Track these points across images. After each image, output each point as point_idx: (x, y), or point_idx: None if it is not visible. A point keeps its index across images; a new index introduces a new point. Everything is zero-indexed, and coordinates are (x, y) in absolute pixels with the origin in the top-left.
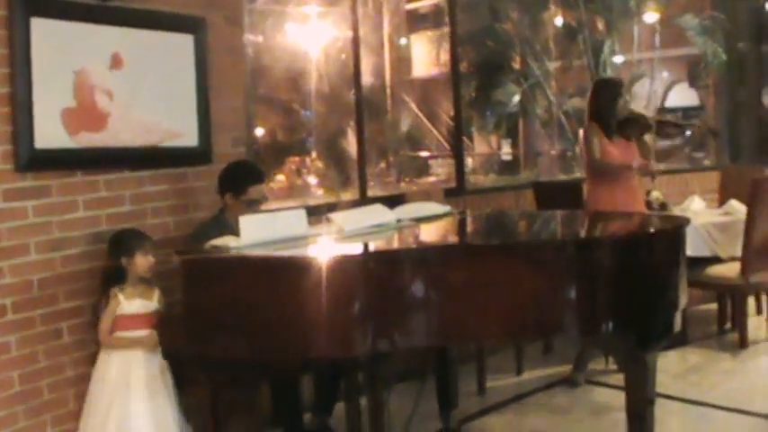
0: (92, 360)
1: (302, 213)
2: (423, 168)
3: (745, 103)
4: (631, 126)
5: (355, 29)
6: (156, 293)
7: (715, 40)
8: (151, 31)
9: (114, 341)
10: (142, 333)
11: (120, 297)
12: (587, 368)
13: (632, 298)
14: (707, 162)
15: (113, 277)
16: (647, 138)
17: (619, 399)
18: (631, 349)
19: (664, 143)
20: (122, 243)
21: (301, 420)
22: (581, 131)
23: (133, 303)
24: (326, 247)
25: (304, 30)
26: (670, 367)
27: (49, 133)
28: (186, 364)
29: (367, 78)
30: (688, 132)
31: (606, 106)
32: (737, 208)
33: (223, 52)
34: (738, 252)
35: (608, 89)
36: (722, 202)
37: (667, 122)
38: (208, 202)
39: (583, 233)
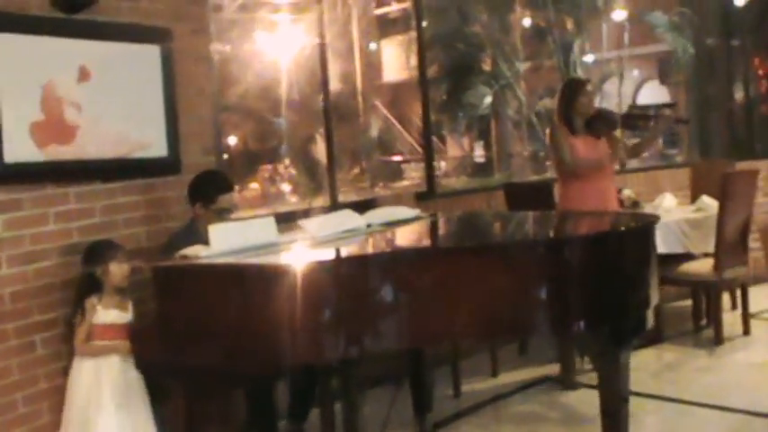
0: (66, 372)
1: (271, 221)
2: (396, 173)
3: (716, 99)
4: (598, 122)
5: (322, 35)
6: (130, 305)
7: (684, 37)
8: (117, 43)
9: (89, 349)
10: (116, 343)
11: (98, 306)
12: (575, 367)
13: (603, 296)
14: (678, 159)
15: (88, 288)
16: (617, 133)
17: (595, 398)
18: (604, 347)
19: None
20: (96, 253)
21: (276, 427)
22: (548, 131)
23: (110, 313)
24: (297, 254)
25: (273, 38)
26: (646, 365)
27: (18, 147)
28: (160, 374)
29: (337, 84)
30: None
31: (566, 104)
32: (709, 204)
33: (190, 62)
34: (711, 248)
35: (569, 87)
36: (694, 199)
37: (634, 115)
38: (179, 211)
39: (552, 232)
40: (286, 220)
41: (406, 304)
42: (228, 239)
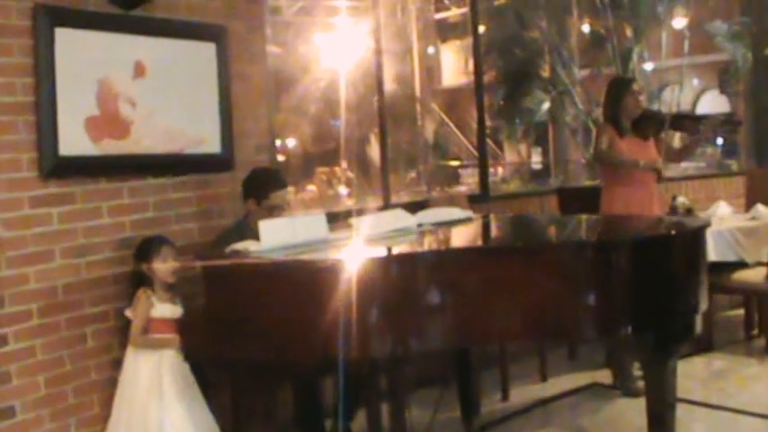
0: (116, 365)
1: (322, 218)
2: (453, 177)
3: None
4: (646, 123)
5: (378, 38)
6: (178, 298)
7: (744, 46)
8: (173, 40)
9: (146, 341)
10: (170, 336)
11: (154, 299)
12: (631, 372)
13: (651, 300)
14: (734, 167)
15: (139, 283)
16: (663, 135)
17: (644, 405)
18: (651, 352)
19: (686, 140)
20: (141, 250)
21: (323, 425)
22: (594, 132)
23: (164, 307)
24: (346, 252)
25: (331, 40)
26: (695, 372)
27: (73, 141)
28: (208, 367)
29: (394, 87)
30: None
31: (612, 104)
32: (764, 212)
33: (245, 60)
34: (765, 257)
35: (614, 86)
36: (749, 207)
37: (682, 115)
38: (231, 208)
39: (602, 235)
40: (339, 219)
41: (454, 303)
42: (279, 235)
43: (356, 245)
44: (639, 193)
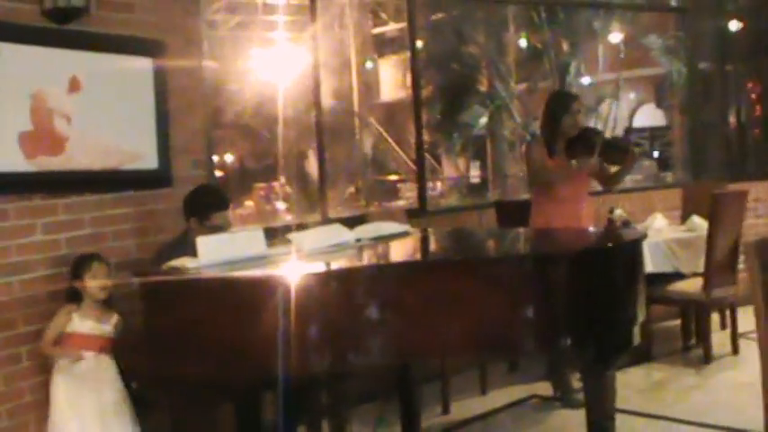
0: None
1: (260, 234)
2: (392, 192)
3: (710, 122)
4: (575, 148)
5: (315, 53)
6: (114, 319)
7: (679, 60)
8: (109, 55)
9: (53, 350)
10: (86, 354)
11: (74, 315)
12: (571, 384)
13: (589, 312)
14: (670, 179)
15: (71, 297)
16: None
17: (583, 417)
18: (590, 364)
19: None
20: (74, 267)
21: None
22: (524, 147)
23: (85, 323)
24: (284, 267)
25: (269, 55)
26: (634, 383)
27: (6, 157)
28: (147, 386)
29: (332, 102)
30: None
31: (553, 119)
32: (699, 224)
33: (182, 75)
34: (701, 268)
35: (558, 101)
36: (684, 219)
37: (611, 144)
38: (169, 224)
39: (540, 248)
40: (277, 234)
41: (393, 318)
42: (217, 251)
43: (294, 260)
44: (566, 210)
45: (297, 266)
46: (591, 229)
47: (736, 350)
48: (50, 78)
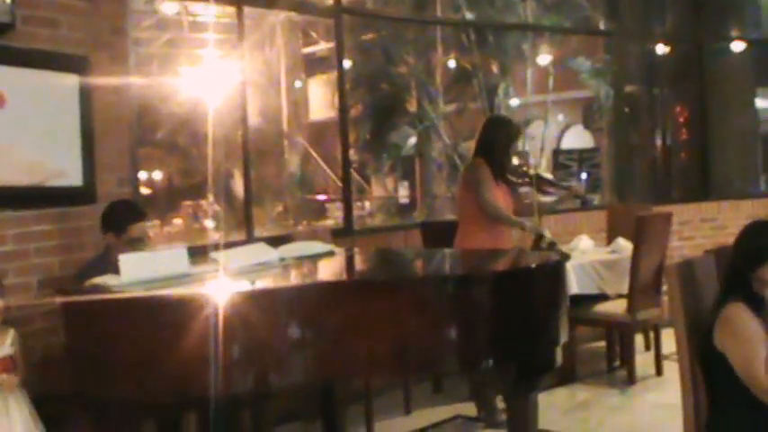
0: None
1: (183, 252)
2: (320, 211)
3: (638, 144)
4: (514, 176)
5: (243, 72)
6: (11, 335)
7: (607, 83)
8: (35, 70)
9: None
10: None
11: None
12: (494, 404)
13: (511, 333)
14: (596, 202)
15: None
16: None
17: None
18: (512, 384)
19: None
20: None
21: None
22: (464, 168)
23: None
24: (207, 286)
25: (198, 73)
26: (559, 403)
27: None
28: (67, 405)
29: (261, 121)
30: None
31: (500, 146)
32: (624, 246)
33: (108, 92)
34: (625, 289)
35: (505, 128)
36: (610, 241)
37: (545, 180)
38: (93, 241)
39: (462, 269)
40: (201, 253)
41: (315, 338)
42: (139, 269)
43: (217, 279)
44: (500, 230)
45: (220, 285)
46: (515, 250)
47: (659, 371)
48: None
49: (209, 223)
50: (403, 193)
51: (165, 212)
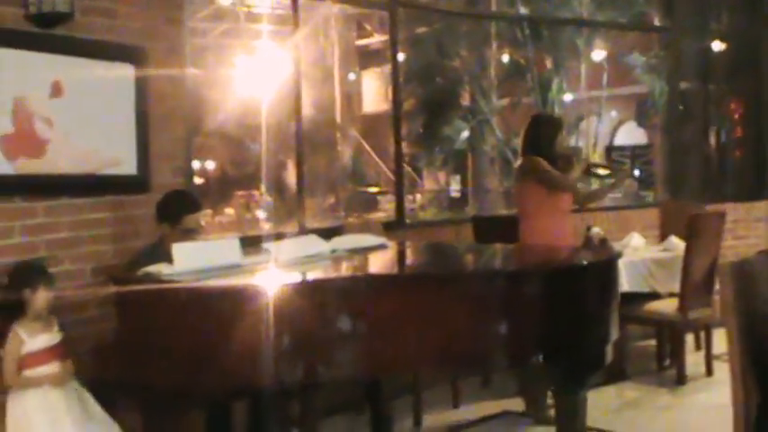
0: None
1: (236, 242)
2: (371, 204)
3: (691, 141)
4: (567, 165)
5: (297, 63)
6: (55, 324)
7: (661, 79)
8: (92, 60)
9: (24, 381)
10: (49, 368)
11: (23, 335)
12: (543, 400)
13: (562, 329)
14: (649, 199)
15: (14, 310)
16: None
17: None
18: (562, 381)
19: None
20: (27, 275)
21: None
22: (519, 162)
23: (37, 339)
24: (259, 277)
25: (252, 64)
26: (607, 402)
27: None
28: (118, 392)
29: (314, 113)
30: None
31: (547, 141)
32: (677, 244)
33: (165, 82)
34: (677, 288)
35: (549, 125)
36: (662, 239)
37: (597, 165)
38: (146, 230)
39: (514, 265)
40: (253, 244)
41: (366, 331)
42: (192, 259)
43: (269, 270)
44: (566, 223)
45: (271, 276)
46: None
47: (710, 372)
48: (33, 82)
49: (260, 214)
50: (454, 187)
51: (217, 202)
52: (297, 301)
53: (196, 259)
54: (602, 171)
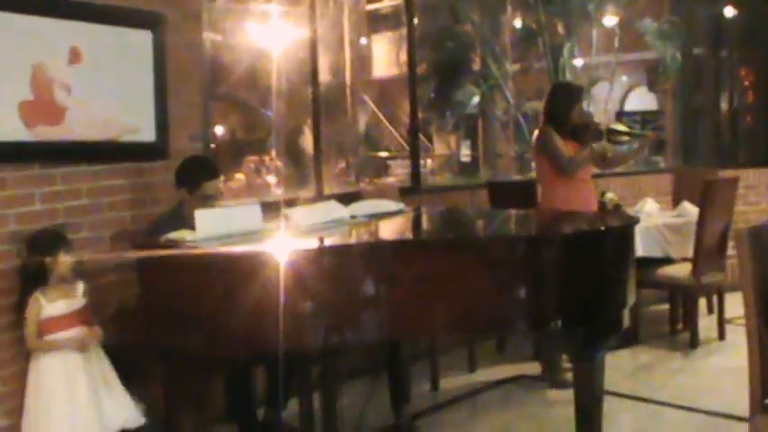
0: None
1: (257, 208)
2: (382, 169)
3: (703, 107)
4: (588, 134)
5: (313, 27)
6: (80, 287)
7: (673, 45)
8: (110, 27)
9: (44, 345)
10: (71, 333)
11: (42, 300)
12: (560, 364)
13: (580, 294)
14: (661, 165)
15: (35, 277)
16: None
17: (570, 396)
18: (580, 345)
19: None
20: (46, 241)
21: (255, 415)
22: (535, 134)
23: (56, 305)
24: (281, 242)
25: (264, 28)
26: (622, 366)
27: (6, 126)
28: (139, 357)
29: (326, 77)
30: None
31: (563, 111)
32: (690, 209)
33: (182, 48)
34: (690, 253)
35: (567, 94)
36: (675, 204)
37: (618, 131)
38: (165, 196)
39: (532, 230)
40: (272, 210)
41: (386, 295)
42: (214, 225)
43: (290, 236)
44: (584, 190)
45: (293, 242)
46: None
47: (722, 335)
48: (51, 49)
49: (271, 179)
50: (465, 152)
51: (227, 168)
52: (318, 266)
53: (218, 225)
54: (624, 138)
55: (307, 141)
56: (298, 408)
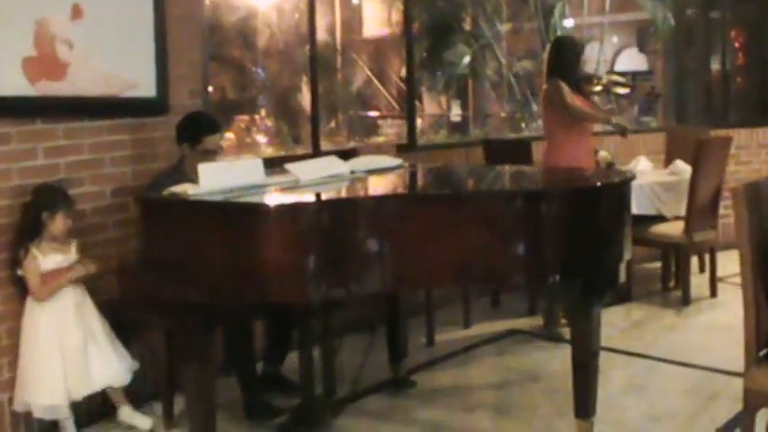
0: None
1: (259, 162)
2: (372, 128)
3: (693, 68)
4: (588, 84)
5: None
6: (74, 245)
7: (664, 6)
8: None
9: (53, 286)
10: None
11: (36, 253)
12: (559, 319)
13: (578, 249)
14: (653, 124)
15: (30, 230)
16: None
17: (565, 352)
18: (578, 300)
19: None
20: (49, 197)
21: (254, 368)
22: (545, 87)
23: (52, 258)
24: (282, 196)
25: None
26: (615, 322)
27: (10, 81)
28: (141, 308)
29: (318, 36)
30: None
31: (570, 63)
32: (683, 168)
33: (182, 4)
34: (683, 211)
35: (573, 47)
36: (668, 163)
37: (619, 82)
38: (165, 152)
39: (530, 185)
40: (270, 165)
41: (388, 249)
42: (217, 179)
43: (292, 190)
44: (587, 144)
45: (294, 195)
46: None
47: (714, 293)
48: (54, 4)
49: (261, 138)
50: (455, 112)
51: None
52: (320, 219)
53: (221, 179)
54: (621, 90)
55: (302, 100)
56: (297, 362)
